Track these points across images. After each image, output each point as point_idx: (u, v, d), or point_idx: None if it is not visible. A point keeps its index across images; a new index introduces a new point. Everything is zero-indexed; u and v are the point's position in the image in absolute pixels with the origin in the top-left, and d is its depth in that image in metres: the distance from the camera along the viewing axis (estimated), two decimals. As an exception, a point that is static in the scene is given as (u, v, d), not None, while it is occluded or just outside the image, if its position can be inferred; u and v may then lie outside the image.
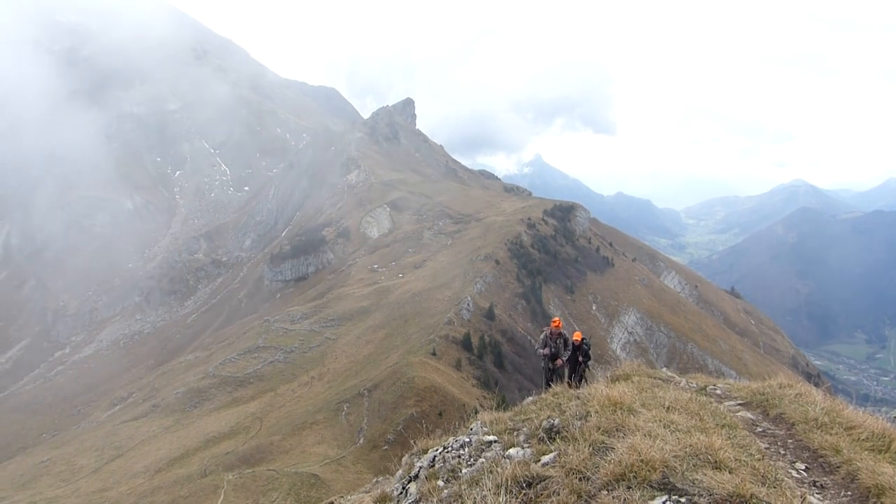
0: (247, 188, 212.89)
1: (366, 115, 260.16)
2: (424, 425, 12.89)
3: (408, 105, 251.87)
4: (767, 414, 8.05)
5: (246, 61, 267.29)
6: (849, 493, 5.31)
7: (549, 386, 13.90)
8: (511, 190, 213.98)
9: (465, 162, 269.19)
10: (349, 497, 12.33)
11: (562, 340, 15.61)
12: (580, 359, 15.16)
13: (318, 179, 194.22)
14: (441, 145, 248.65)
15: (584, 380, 14.93)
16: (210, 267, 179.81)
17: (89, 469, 75.96)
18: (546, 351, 15.48)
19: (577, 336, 15.44)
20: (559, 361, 15.38)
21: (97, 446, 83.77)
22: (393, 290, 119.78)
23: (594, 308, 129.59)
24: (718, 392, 9.94)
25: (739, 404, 8.87)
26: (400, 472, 9.61)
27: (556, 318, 15.81)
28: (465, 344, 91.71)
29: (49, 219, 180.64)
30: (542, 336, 15.82)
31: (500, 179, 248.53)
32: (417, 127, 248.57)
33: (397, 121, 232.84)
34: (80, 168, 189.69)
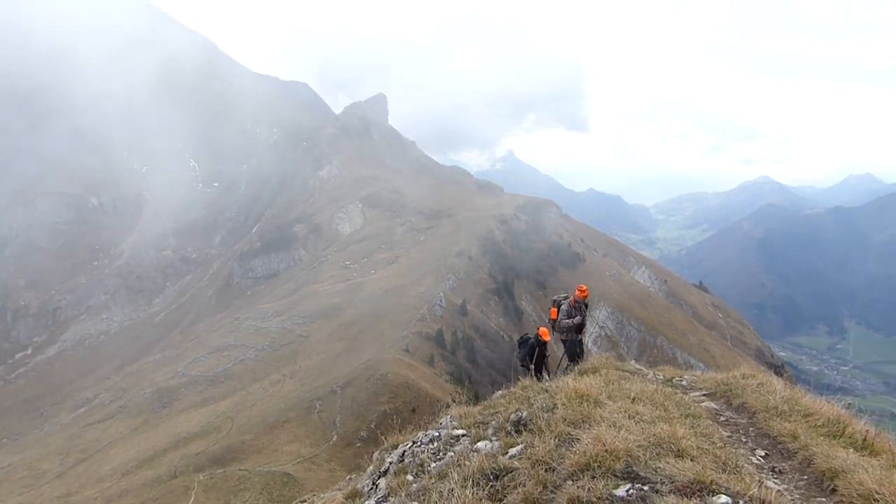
0: (216, 184, 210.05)
1: (338, 110, 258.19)
2: (397, 422, 12.86)
3: (380, 100, 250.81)
4: (730, 403, 8.21)
5: (216, 55, 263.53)
6: (805, 477, 5.45)
7: (577, 361, 13.59)
8: (483, 186, 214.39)
9: (438, 158, 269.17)
10: (322, 495, 12.27)
11: (585, 309, 14.56)
12: (547, 354, 14.99)
13: (289, 175, 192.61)
14: (414, 141, 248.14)
15: (554, 370, 14.76)
16: (179, 264, 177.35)
17: (53, 474, 74.45)
18: (572, 321, 14.30)
19: (545, 335, 15.00)
20: (570, 323, 14.31)
21: (61, 450, 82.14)
22: (365, 286, 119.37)
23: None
24: (684, 383, 10.10)
25: (704, 395, 9.03)
26: (371, 468, 9.62)
27: (583, 286, 14.54)
28: (438, 340, 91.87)
29: (9, 216, 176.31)
30: (563, 306, 14.55)
31: (472, 175, 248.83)
32: (390, 123, 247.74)
33: (369, 116, 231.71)
34: (43, 164, 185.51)
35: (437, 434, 8.33)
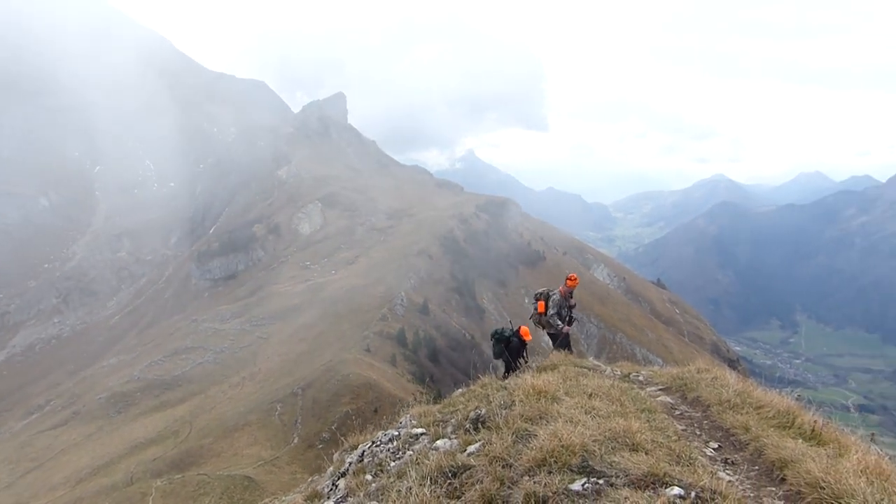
0: (172, 184, 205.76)
1: (296, 109, 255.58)
2: (359, 422, 12.81)
3: (339, 99, 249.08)
4: (686, 397, 8.36)
5: (171, 53, 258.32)
6: (756, 467, 5.58)
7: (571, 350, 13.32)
8: (444, 185, 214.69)
9: (398, 157, 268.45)
10: (283, 498, 12.17)
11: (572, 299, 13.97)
12: (525, 352, 14.99)
13: (247, 175, 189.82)
14: (373, 140, 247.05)
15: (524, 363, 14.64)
16: (134, 266, 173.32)
17: (2, 483, 72.10)
18: (567, 328, 13.82)
19: (526, 335, 14.88)
20: (568, 329, 13.86)
21: (11, 458, 79.56)
22: (326, 286, 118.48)
23: (527, 301, 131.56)
24: (641, 379, 10.26)
25: (660, 389, 9.18)
26: (331, 469, 9.56)
27: (574, 274, 13.98)
28: (400, 339, 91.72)
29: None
30: (553, 298, 13.93)
31: (432, 175, 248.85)
32: (349, 122, 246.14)
33: (328, 115, 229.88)
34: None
35: (396, 433, 8.32)
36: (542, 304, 14.10)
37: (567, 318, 13.87)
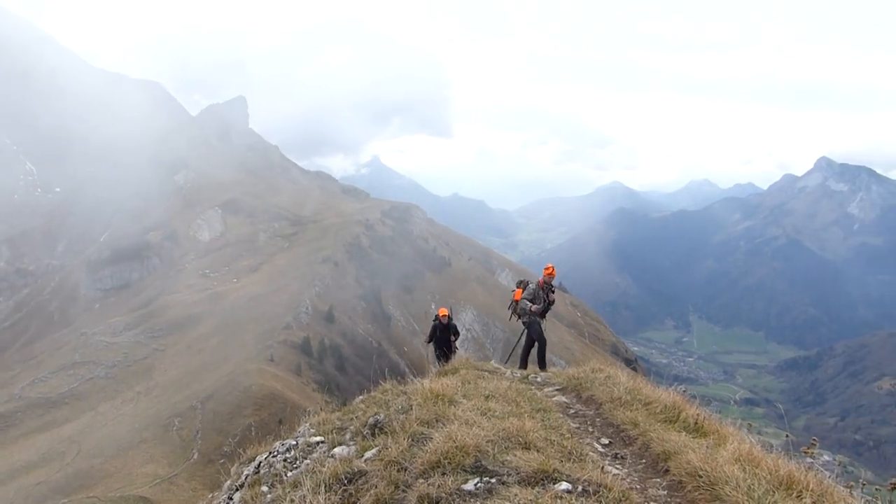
0: (58, 189, 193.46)
1: (194, 112, 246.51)
2: (262, 434, 12.45)
3: (240, 103, 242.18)
4: (580, 396, 8.62)
5: (57, 50, 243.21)
6: (643, 460, 5.82)
7: (540, 345, 13.29)
8: (349, 191, 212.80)
9: (302, 163, 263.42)
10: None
11: (548, 291, 13.65)
12: (451, 336, 15.09)
13: (141, 180, 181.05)
14: (276, 145, 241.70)
15: (453, 353, 14.67)
16: (14, 277, 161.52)
17: None
18: (538, 307, 13.38)
19: (443, 312, 15.01)
20: (533, 307, 13.40)
21: None
22: (226, 295, 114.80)
23: (433, 307, 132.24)
24: (539, 380, 10.51)
25: (557, 390, 9.44)
26: (228, 482, 9.27)
27: (550, 265, 13.49)
28: (305, 348, 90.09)
29: None
30: (529, 287, 13.65)
31: (337, 181, 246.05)
32: (250, 126, 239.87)
33: (229, 119, 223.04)
34: None
35: (294, 443, 8.15)
36: (518, 291, 13.94)
37: (542, 308, 13.52)
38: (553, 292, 13.75)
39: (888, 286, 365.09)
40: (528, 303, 13.42)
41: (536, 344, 13.62)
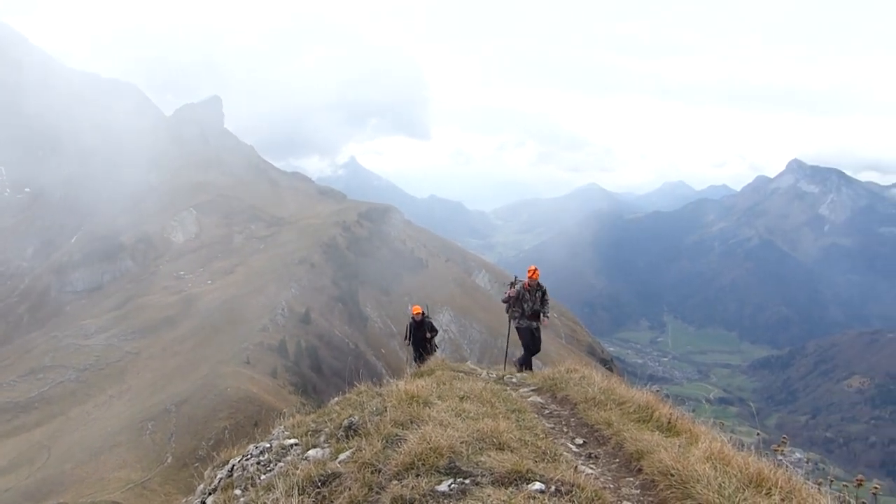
0: (28, 189, 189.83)
1: (168, 112, 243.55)
2: (237, 438, 12.30)
3: (215, 103, 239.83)
4: (555, 397, 8.67)
5: (29, 50, 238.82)
6: (617, 460, 5.87)
7: (532, 352, 13.21)
8: (325, 192, 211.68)
9: (278, 164, 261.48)
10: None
11: (540, 294, 13.23)
12: (428, 334, 15.04)
13: (114, 180, 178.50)
14: (252, 146, 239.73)
15: (432, 352, 14.62)
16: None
17: None
18: (516, 308, 13.17)
19: (416, 310, 14.96)
20: (545, 321, 13.31)
21: None
22: (201, 297, 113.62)
23: (410, 308, 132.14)
24: (514, 381, 10.55)
25: (532, 390, 9.47)
26: (201, 486, 9.15)
27: (533, 266, 13.19)
28: (281, 350, 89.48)
29: None
30: (510, 292, 13.44)
31: (314, 182, 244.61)
32: (226, 126, 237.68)
33: (203, 119, 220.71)
34: None
35: (268, 445, 8.08)
36: (510, 291, 13.79)
37: (530, 311, 13.20)
38: (544, 294, 13.40)
39: (857, 286, 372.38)
40: (513, 308, 13.37)
41: (524, 351, 13.51)
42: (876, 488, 5.41)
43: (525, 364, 13.44)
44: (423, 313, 14.83)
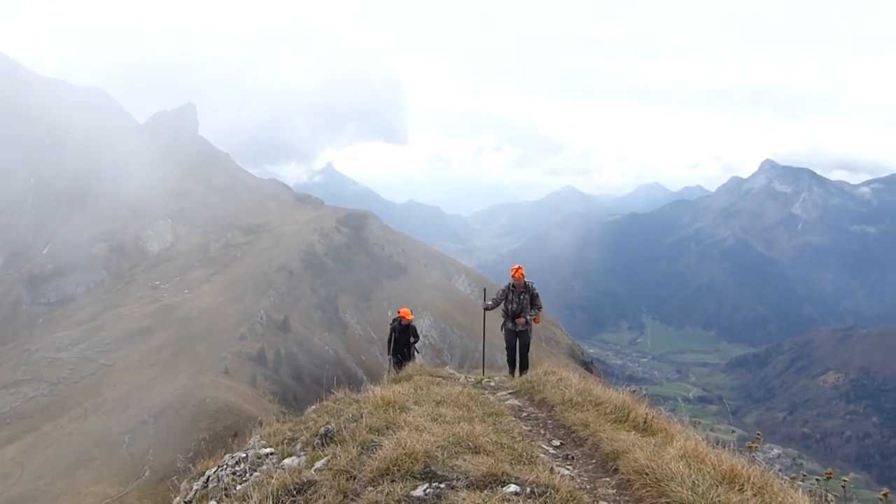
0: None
1: (142, 119, 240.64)
2: (217, 448, 12.14)
3: (189, 110, 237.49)
4: (533, 399, 8.68)
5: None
6: (593, 460, 5.89)
7: (516, 356, 12.91)
8: (303, 199, 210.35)
9: (254, 171, 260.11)
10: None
11: (527, 296, 12.71)
12: (412, 339, 15.07)
13: (86, 190, 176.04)
14: (227, 153, 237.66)
15: (412, 358, 14.57)
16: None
17: None
18: (498, 306, 12.87)
19: (406, 313, 14.91)
20: (521, 321, 12.63)
21: None
22: (178, 307, 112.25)
23: (390, 314, 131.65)
24: (493, 384, 10.56)
25: (510, 393, 9.49)
26: (177, 498, 9.07)
27: (518, 265, 12.80)
28: (260, 359, 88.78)
29: None
30: (495, 294, 13.11)
31: (291, 189, 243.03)
32: (201, 133, 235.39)
33: (178, 126, 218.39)
34: None
35: (244, 455, 8.01)
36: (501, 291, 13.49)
37: (516, 311, 12.77)
38: (534, 296, 12.93)
39: (830, 283, 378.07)
40: (489, 302, 13.30)
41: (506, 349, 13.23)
42: (845, 481, 5.50)
43: (511, 367, 13.13)
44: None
